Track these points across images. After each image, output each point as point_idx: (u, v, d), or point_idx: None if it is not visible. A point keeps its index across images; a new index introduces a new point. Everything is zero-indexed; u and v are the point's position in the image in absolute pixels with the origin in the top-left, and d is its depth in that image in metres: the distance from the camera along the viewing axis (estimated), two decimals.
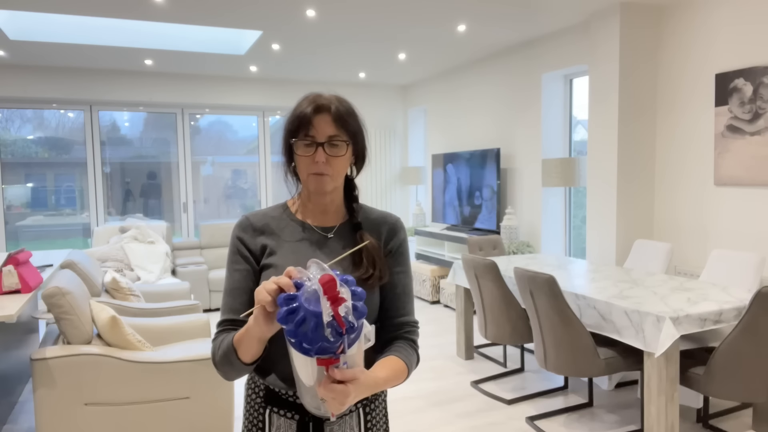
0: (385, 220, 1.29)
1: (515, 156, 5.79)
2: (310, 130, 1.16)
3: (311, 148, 1.16)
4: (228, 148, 7.84)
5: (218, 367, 1.14)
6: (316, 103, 1.17)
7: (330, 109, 1.17)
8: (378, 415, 1.27)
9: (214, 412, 2.82)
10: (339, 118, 1.17)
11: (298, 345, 0.93)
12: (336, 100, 1.20)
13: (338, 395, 0.95)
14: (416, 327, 1.27)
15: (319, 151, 1.15)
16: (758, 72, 3.66)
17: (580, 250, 5.52)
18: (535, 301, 3.06)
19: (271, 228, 1.24)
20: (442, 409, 3.47)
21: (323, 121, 1.16)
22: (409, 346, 1.23)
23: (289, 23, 4.76)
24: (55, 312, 2.64)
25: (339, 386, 0.95)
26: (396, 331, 1.24)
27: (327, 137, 1.16)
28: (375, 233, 1.25)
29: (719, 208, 3.98)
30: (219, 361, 1.13)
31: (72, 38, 5.29)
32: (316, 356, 0.93)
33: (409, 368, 1.19)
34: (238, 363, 1.09)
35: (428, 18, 4.66)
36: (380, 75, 7.17)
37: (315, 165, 1.16)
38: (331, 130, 1.16)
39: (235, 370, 1.11)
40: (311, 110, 1.16)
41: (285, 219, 1.26)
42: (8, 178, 6.60)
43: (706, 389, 2.69)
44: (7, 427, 3.22)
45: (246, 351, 1.06)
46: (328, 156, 1.16)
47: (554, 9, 4.48)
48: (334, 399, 0.95)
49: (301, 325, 0.91)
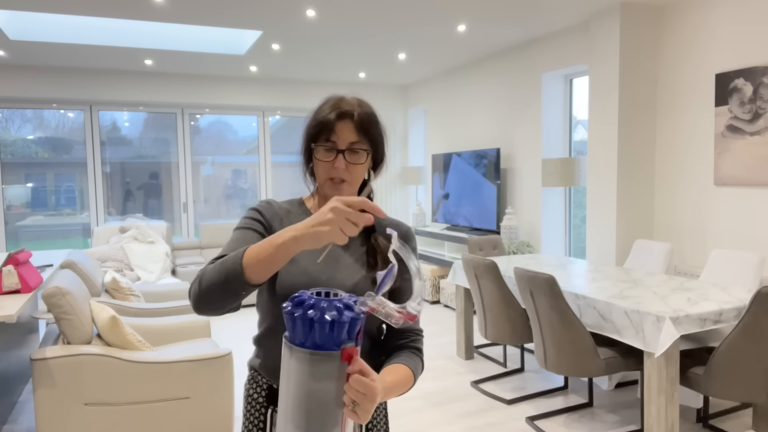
0: (398, 228, 1.28)
1: (515, 156, 5.79)
2: (332, 136, 1.15)
3: (331, 154, 1.16)
4: (228, 148, 7.84)
5: (203, 285, 1.00)
6: (339, 109, 1.16)
7: (353, 116, 1.16)
8: (378, 416, 1.27)
9: (214, 412, 2.82)
10: (361, 125, 1.16)
11: (326, 336, 0.86)
12: (358, 105, 1.18)
13: (369, 390, 0.88)
14: (421, 335, 1.27)
15: (339, 158, 1.15)
16: (758, 72, 3.66)
17: (580, 250, 5.52)
18: (535, 301, 3.06)
19: (289, 220, 1.23)
20: (442, 409, 3.47)
21: (345, 128, 1.15)
22: (414, 354, 1.22)
23: (289, 23, 4.76)
24: (55, 312, 2.64)
25: (367, 380, 0.88)
26: (401, 340, 1.23)
27: (348, 144, 1.15)
28: (387, 238, 1.25)
29: (719, 208, 3.98)
30: (208, 276, 0.99)
31: (72, 38, 5.28)
32: (342, 347, 0.87)
33: (415, 376, 1.18)
34: (239, 281, 0.96)
35: (428, 18, 4.66)
36: (380, 75, 7.17)
37: (334, 170, 1.16)
38: (353, 137, 1.16)
39: (224, 291, 0.98)
40: (334, 116, 1.15)
41: (301, 215, 1.25)
42: (8, 178, 6.60)
43: (706, 389, 2.69)
44: (7, 427, 3.22)
45: (262, 269, 0.95)
46: (347, 163, 1.16)
47: (554, 9, 4.48)
48: (364, 396, 0.88)
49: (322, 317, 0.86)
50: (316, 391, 0.88)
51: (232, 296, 0.99)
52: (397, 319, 0.90)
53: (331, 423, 0.89)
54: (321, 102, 1.21)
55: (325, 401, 0.88)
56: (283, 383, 0.91)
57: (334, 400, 0.88)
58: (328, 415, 0.88)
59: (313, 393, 0.87)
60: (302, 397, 0.88)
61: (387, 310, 0.90)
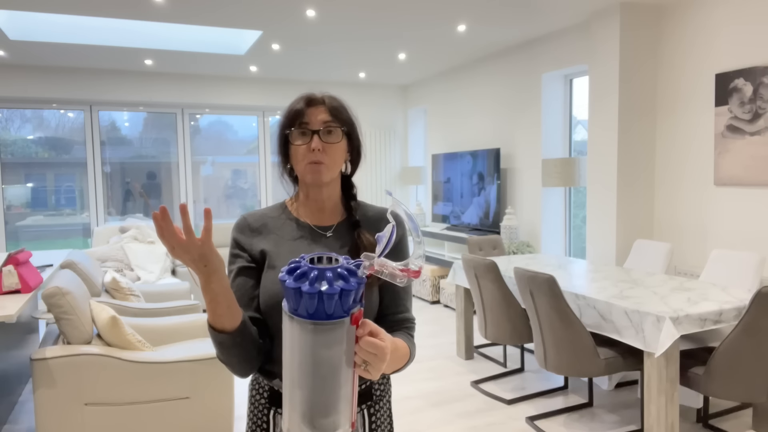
0: (382, 217, 1.29)
1: (515, 156, 5.79)
2: (304, 119, 1.18)
3: (307, 137, 1.18)
4: (228, 148, 7.84)
5: (221, 360, 1.12)
6: (308, 98, 1.21)
7: (323, 101, 1.20)
8: (382, 416, 1.27)
9: (214, 412, 2.82)
10: (332, 108, 1.20)
11: (332, 304, 0.85)
12: (328, 95, 1.23)
13: (380, 350, 0.89)
14: (414, 324, 1.27)
15: (314, 139, 1.17)
16: (758, 72, 3.66)
17: (580, 250, 5.52)
18: (535, 301, 3.06)
19: (269, 228, 1.24)
20: (442, 409, 3.47)
21: (317, 111, 1.19)
22: (408, 335, 1.23)
23: (289, 23, 4.76)
24: (55, 312, 2.64)
25: (377, 341, 0.90)
26: (393, 329, 1.24)
27: (322, 123, 1.18)
28: (373, 231, 1.25)
29: (719, 208, 3.98)
30: (216, 352, 1.11)
31: (72, 38, 5.28)
32: (351, 312, 0.87)
33: (411, 353, 1.18)
34: (219, 336, 1.05)
35: (428, 18, 4.66)
36: (380, 75, 7.17)
37: (311, 154, 1.17)
38: (326, 117, 1.18)
39: (226, 351, 1.07)
40: (304, 104, 1.19)
41: (283, 218, 1.26)
42: (8, 178, 6.60)
43: (706, 389, 2.69)
44: (7, 427, 3.22)
45: (220, 316, 1.03)
46: (324, 144, 1.17)
47: (554, 9, 4.48)
48: (376, 356, 0.89)
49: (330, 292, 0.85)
50: (325, 358, 0.87)
51: (234, 350, 1.08)
52: (402, 278, 0.88)
53: (341, 383, 0.89)
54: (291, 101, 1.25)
55: (334, 366, 0.88)
56: (286, 352, 0.90)
57: (344, 362, 0.89)
58: (338, 377, 0.89)
59: (322, 361, 0.87)
60: (311, 365, 0.87)
61: (390, 270, 0.89)
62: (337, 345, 0.87)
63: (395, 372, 1.12)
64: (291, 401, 0.90)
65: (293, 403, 0.90)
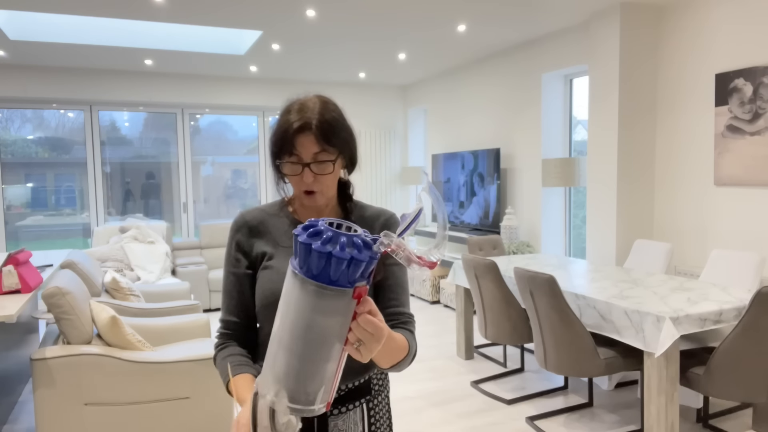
0: (379, 216, 1.29)
1: (515, 156, 5.79)
2: (294, 150, 1.13)
3: (298, 168, 1.14)
4: (228, 148, 7.84)
5: (215, 364, 1.23)
6: (299, 120, 1.13)
7: (311, 126, 1.12)
8: (381, 411, 1.27)
9: (214, 412, 2.82)
10: (323, 135, 1.12)
11: (340, 271, 0.83)
12: (319, 111, 1.14)
13: (377, 330, 0.88)
14: (412, 319, 1.24)
15: (305, 172, 1.14)
16: (758, 72, 3.66)
17: (580, 250, 5.52)
18: (535, 301, 3.06)
19: (267, 227, 1.25)
20: (442, 409, 3.47)
21: (307, 140, 1.12)
22: (408, 332, 1.20)
23: (289, 23, 4.76)
24: (55, 312, 2.64)
25: (376, 321, 0.88)
26: (392, 321, 1.20)
27: (312, 155, 1.13)
28: (369, 230, 1.25)
29: (719, 208, 3.98)
30: (218, 371, 1.21)
31: (72, 38, 5.28)
32: (355, 285, 0.85)
33: (411, 349, 1.14)
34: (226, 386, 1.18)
35: (428, 18, 4.66)
36: (380, 75, 7.17)
37: (303, 184, 1.15)
38: (315, 147, 1.13)
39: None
40: (293, 131, 1.12)
41: (282, 217, 1.27)
42: (8, 178, 6.60)
43: (706, 389, 2.69)
44: (7, 427, 3.22)
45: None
46: (315, 175, 1.14)
47: (554, 9, 4.48)
48: (372, 336, 0.88)
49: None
50: (319, 324, 0.85)
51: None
52: (417, 264, 0.85)
53: (327, 357, 0.87)
54: (283, 108, 1.18)
55: (325, 335, 0.86)
56: (282, 308, 0.89)
57: (336, 335, 0.87)
58: (326, 349, 0.87)
59: (315, 325, 0.85)
60: (302, 327, 0.86)
61: (407, 254, 0.85)
62: (334, 315, 0.85)
63: (392, 368, 1.09)
64: (273, 362, 0.88)
65: (274, 363, 0.88)
